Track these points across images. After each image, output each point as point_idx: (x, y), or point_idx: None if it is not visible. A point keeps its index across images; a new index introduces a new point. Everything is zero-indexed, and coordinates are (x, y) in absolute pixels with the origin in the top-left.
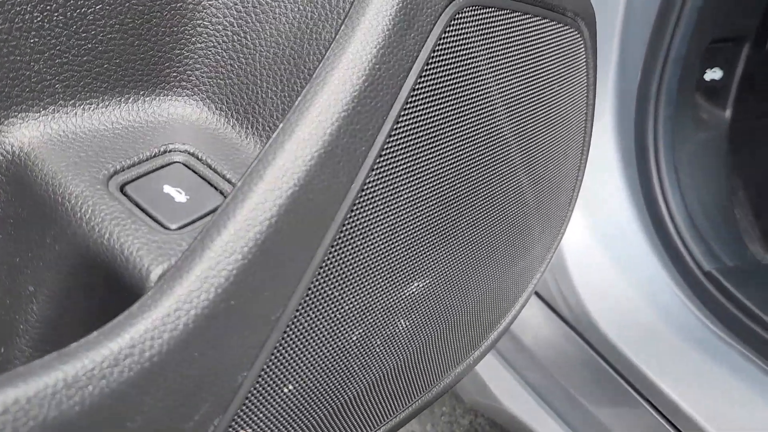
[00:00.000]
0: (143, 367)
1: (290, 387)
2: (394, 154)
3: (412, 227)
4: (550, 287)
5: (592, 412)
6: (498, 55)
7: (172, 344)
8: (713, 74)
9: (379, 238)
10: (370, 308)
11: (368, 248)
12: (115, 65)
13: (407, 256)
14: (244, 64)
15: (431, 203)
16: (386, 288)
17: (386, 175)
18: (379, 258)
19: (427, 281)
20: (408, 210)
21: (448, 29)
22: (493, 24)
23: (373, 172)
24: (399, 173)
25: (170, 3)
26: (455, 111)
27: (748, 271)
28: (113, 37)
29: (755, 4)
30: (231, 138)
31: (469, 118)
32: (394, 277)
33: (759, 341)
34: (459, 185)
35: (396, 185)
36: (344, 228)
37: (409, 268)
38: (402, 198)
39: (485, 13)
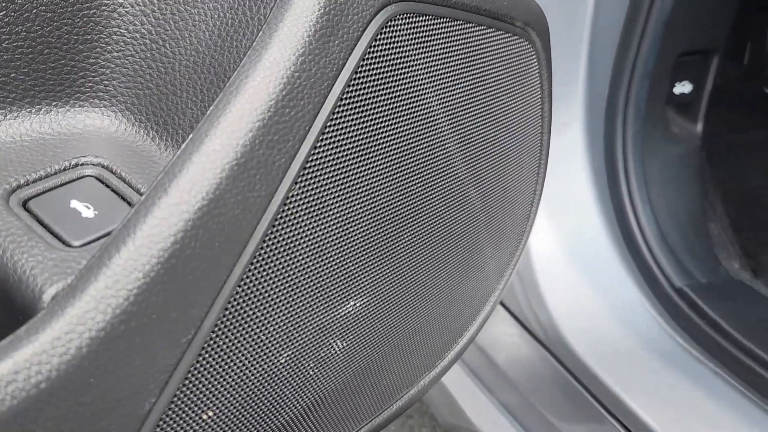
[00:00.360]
0: (29, 394)
1: (210, 414)
2: (322, 167)
3: (344, 244)
4: (522, 306)
5: None
6: (438, 66)
7: (63, 370)
8: (683, 88)
9: (306, 255)
10: (300, 329)
11: (294, 266)
12: (24, 74)
13: (340, 274)
14: (163, 74)
15: (366, 219)
16: (317, 308)
17: (313, 189)
18: (307, 276)
19: (365, 300)
20: (339, 225)
21: (379, 37)
22: (431, 33)
23: (297, 185)
24: (328, 187)
25: (82, 10)
26: (390, 123)
27: (720, 288)
28: (20, 45)
29: (722, 17)
30: (149, 150)
31: (406, 131)
32: (326, 296)
33: (730, 358)
34: (397, 200)
35: (325, 199)
36: (265, 244)
37: (343, 287)
38: (332, 213)
39: (422, 21)
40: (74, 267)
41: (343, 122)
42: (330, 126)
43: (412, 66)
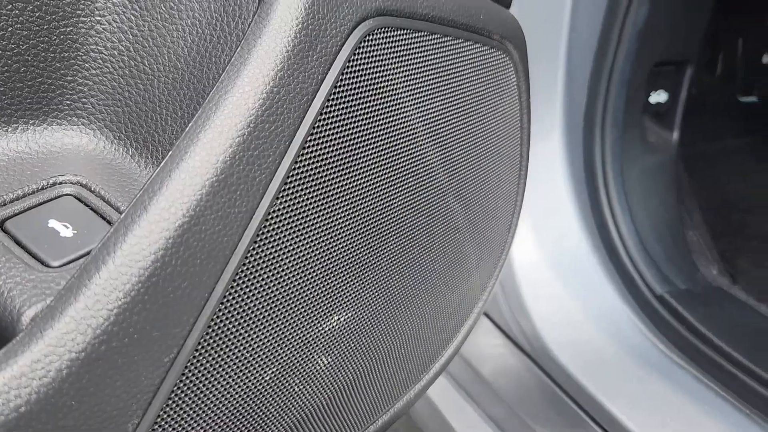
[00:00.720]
0: (8, 418)
1: None
2: (303, 182)
3: (327, 258)
4: (505, 317)
5: None
6: (416, 79)
7: (42, 392)
8: (658, 97)
9: (289, 271)
10: (284, 345)
11: (278, 281)
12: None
13: (324, 289)
14: (143, 91)
15: (349, 233)
16: (302, 323)
17: (294, 204)
18: (291, 291)
19: (350, 315)
20: (322, 240)
21: (358, 51)
22: (409, 46)
23: (279, 201)
24: (309, 202)
25: (59, 27)
26: (371, 136)
27: (699, 295)
28: None
29: (695, 26)
30: (129, 168)
31: (387, 144)
32: (310, 311)
33: (710, 363)
34: (380, 213)
35: (307, 214)
36: (247, 260)
37: (327, 301)
38: (314, 228)
39: (400, 35)
40: (53, 288)
41: (324, 136)
42: (310, 140)
43: (392, 79)
